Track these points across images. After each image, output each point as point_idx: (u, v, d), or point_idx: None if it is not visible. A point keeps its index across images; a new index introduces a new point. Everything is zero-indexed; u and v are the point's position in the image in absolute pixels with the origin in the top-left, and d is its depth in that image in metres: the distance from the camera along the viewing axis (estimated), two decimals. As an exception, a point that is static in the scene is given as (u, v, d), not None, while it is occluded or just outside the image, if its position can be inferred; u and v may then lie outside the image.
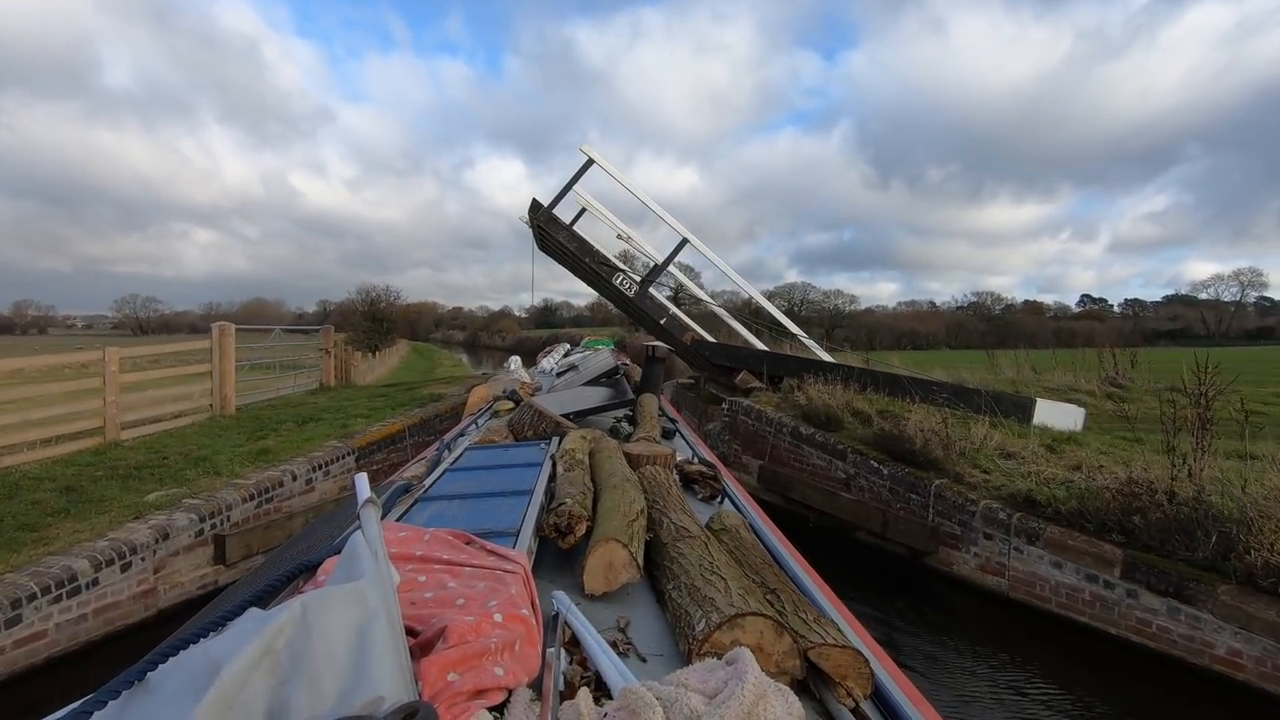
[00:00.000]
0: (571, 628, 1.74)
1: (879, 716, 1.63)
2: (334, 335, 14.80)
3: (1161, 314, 70.66)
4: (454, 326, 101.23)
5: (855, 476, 7.31)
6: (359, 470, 6.82)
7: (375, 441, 8.41)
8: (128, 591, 4.93)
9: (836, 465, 7.61)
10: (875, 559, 6.86)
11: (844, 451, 7.52)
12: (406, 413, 9.97)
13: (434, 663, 1.26)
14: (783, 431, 8.56)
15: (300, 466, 6.92)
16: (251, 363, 12.48)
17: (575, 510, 2.45)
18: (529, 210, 11.74)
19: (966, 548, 5.96)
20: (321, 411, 10.07)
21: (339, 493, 7.16)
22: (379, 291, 47.57)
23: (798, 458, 8.28)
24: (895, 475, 6.77)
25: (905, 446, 6.86)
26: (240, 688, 1.04)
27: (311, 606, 1.17)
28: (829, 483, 7.65)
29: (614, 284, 11.56)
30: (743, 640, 1.62)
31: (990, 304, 73.23)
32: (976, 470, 6.42)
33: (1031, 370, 12.64)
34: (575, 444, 3.55)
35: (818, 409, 8.39)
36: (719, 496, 3.63)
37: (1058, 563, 5.28)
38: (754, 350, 12.16)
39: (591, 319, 75.12)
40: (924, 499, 6.39)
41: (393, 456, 8.54)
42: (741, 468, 9.22)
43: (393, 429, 8.90)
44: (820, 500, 7.55)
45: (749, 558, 2.31)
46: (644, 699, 1.21)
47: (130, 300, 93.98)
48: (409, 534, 2.01)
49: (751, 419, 9.30)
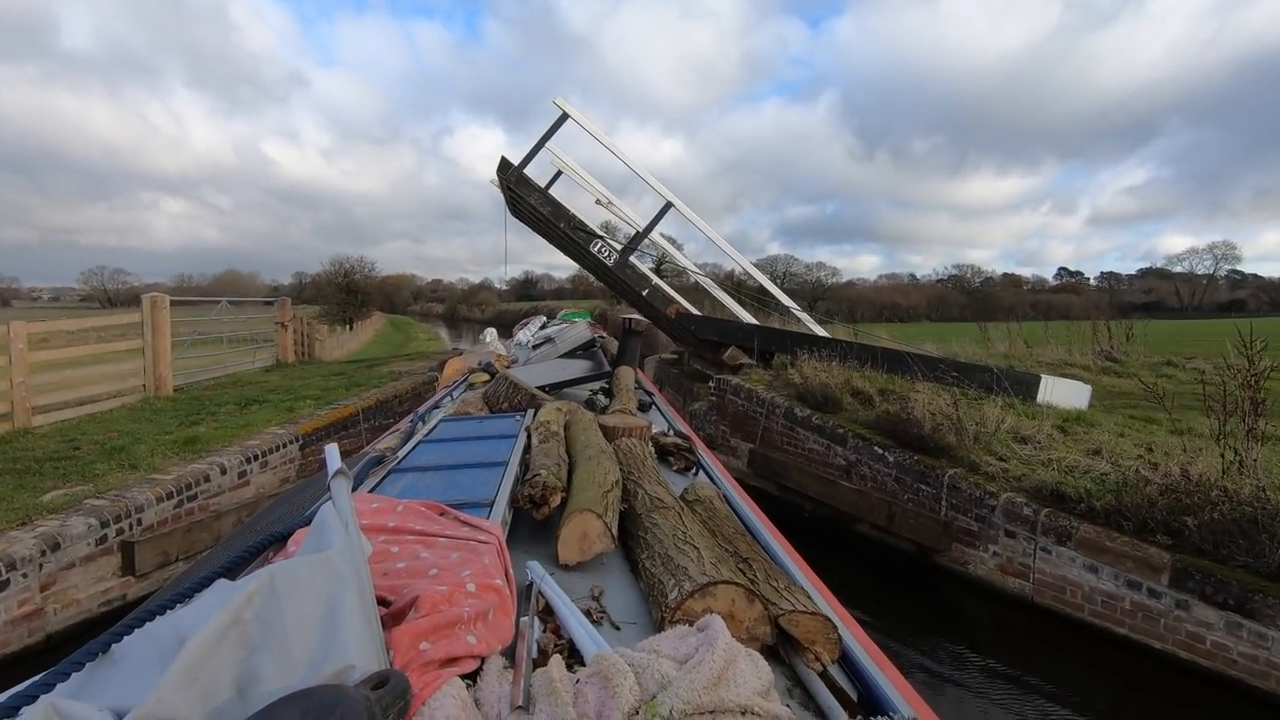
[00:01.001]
0: (545, 597, 1.75)
1: (846, 680, 1.68)
2: (291, 308, 13.70)
3: (1136, 287, 71.88)
4: (433, 299, 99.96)
5: (857, 464, 6.68)
6: (303, 460, 6.88)
7: (323, 427, 7.55)
8: (4, 615, 4.12)
9: (835, 451, 6.98)
10: (879, 555, 6.26)
11: (844, 436, 6.87)
12: (362, 394, 9.07)
13: (406, 632, 1.26)
14: (776, 413, 7.89)
15: (232, 458, 6.05)
16: (193, 338, 11.58)
17: (550, 481, 2.45)
18: (498, 170, 10.72)
19: (985, 546, 5.38)
20: (269, 392, 9.20)
21: (278, 486, 6.46)
22: (353, 263, 46.71)
23: (792, 441, 7.64)
24: (902, 463, 6.14)
25: (913, 431, 6.23)
26: (207, 658, 1.03)
27: (280, 576, 1.16)
28: (827, 470, 7.04)
29: (592, 252, 10.73)
30: (715, 608, 1.65)
31: (971, 277, 74.03)
32: (992, 457, 5.80)
33: (1024, 344, 12.17)
34: (550, 416, 3.54)
35: (814, 388, 7.70)
36: (694, 468, 3.66)
37: (1093, 566, 4.70)
38: (743, 324, 11.29)
39: (573, 291, 74.53)
40: (935, 490, 5.79)
41: (344, 443, 7.53)
42: (730, 451, 8.69)
43: (344, 412, 8.07)
44: (817, 489, 7.00)
45: (722, 528, 2.33)
46: (616, 665, 1.22)
47: (98, 272, 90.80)
48: (382, 505, 1.99)
49: (741, 399, 8.62)
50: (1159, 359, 11.11)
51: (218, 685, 1.02)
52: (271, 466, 6.56)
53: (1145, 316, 13.73)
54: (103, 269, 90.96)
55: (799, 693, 1.60)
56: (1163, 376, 9.66)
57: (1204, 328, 13.37)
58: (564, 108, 10.44)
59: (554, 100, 10.52)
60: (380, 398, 8.96)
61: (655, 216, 11.09)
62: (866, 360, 8.65)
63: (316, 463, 6.64)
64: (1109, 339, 11.84)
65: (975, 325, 14.88)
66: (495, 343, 11.16)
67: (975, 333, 13.58)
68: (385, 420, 8.54)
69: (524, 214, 13.03)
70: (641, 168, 10.83)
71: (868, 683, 1.65)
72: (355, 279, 45.35)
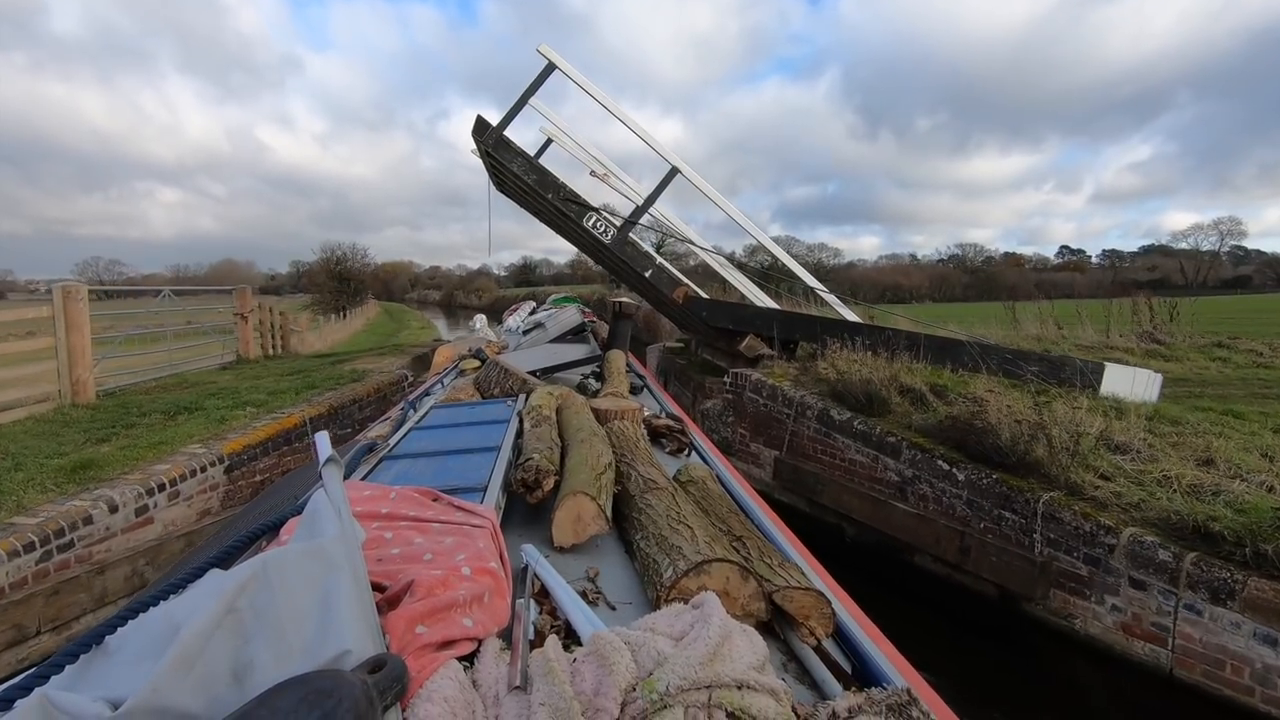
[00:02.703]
0: (541, 579, 1.76)
1: (840, 653, 1.70)
2: (252, 297, 12.43)
3: (1139, 264, 71.63)
4: (430, 286, 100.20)
5: (914, 481, 5.51)
6: (229, 486, 5.73)
7: (257, 443, 6.26)
8: None
9: (886, 464, 5.80)
10: (947, 597, 5.12)
11: (896, 445, 5.68)
12: (312, 399, 7.79)
13: (401, 616, 1.27)
14: (807, 414, 6.74)
15: (128, 489, 4.80)
16: (127, 334, 10.29)
17: (543, 465, 2.45)
18: (473, 131, 9.15)
19: (1099, 596, 4.23)
20: (210, 396, 8.01)
21: (196, 521, 5.36)
22: (345, 250, 46.10)
23: (828, 450, 6.49)
24: (977, 482, 4.98)
25: (988, 441, 5.03)
26: (203, 647, 1.03)
27: (273, 564, 1.16)
28: (875, 486, 5.90)
29: (586, 228, 9.23)
30: (709, 586, 1.66)
31: (973, 257, 73.91)
32: (1091, 474, 4.61)
33: (1055, 325, 10.98)
34: (542, 400, 3.54)
35: (853, 385, 6.48)
36: (686, 450, 3.68)
37: (1270, 637, 3.48)
38: (762, 309, 9.82)
39: (572, 276, 74.12)
40: (1025, 520, 4.61)
41: (286, 461, 6.56)
42: (750, 459, 7.59)
43: (286, 423, 6.76)
44: (863, 509, 5.91)
45: (715, 507, 2.35)
46: (612, 644, 1.23)
47: (93, 263, 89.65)
48: (374, 492, 1.99)
49: (764, 397, 7.41)
50: (1208, 339, 9.96)
51: (214, 674, 1.02)
52: (185, 497, 5.33)
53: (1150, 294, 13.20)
54: (98, 260, 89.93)
55: (794, 667, 1.62)
56: (1216, 359, 8.72)
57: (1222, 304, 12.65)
58: (549, 56, 8.90)
59: (538, 48, 8.90)
60: (335, 403, 7.74)
61: (659, 184, 9.60)
62: (911, 349, 7.38)
63: (249, 487, 5.87)
64: (1151, 318, 10.71)
65: (1000, 305, 13.63)
66: (485, 329, 11.07)
67: (998, 313, 12.50)
68: (339, 430, 7.40)
69: (509, 187, 11.73)
70: (642, 128, 9.44)
71: (862, 656, 1.67)
72: (347, 266, 44.81)
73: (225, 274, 78.10)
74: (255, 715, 0.90)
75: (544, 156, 10.96)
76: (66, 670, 1.08)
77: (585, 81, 9.13)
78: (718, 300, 10.81)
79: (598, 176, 12.00)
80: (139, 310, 11.72)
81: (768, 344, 9.11)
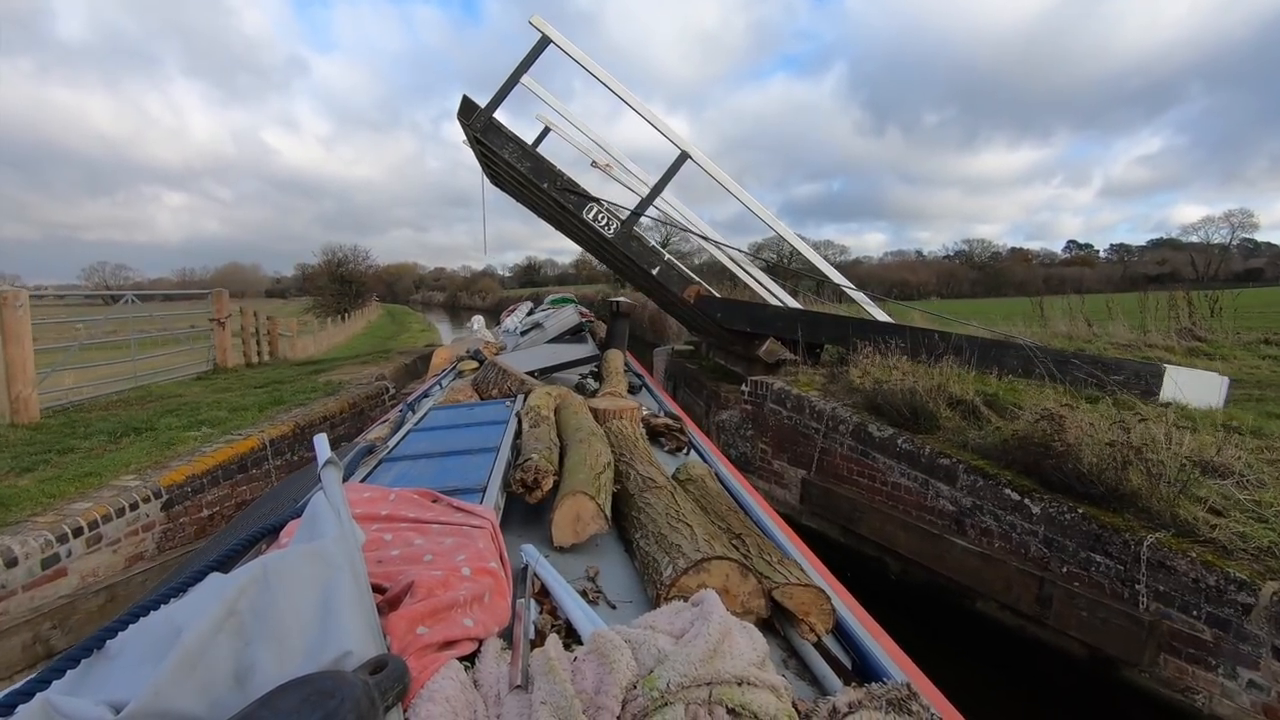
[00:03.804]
0: (541, 579, 1.76)
1: (840, 649, 1.71)
2: (229, 302, 11.44)
3: (1148, 258, 70.60)
4: (434, 288, 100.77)
5: (975, 512, 4.71)
6: (168, 524, 4.94)
7: (205, 472, 5.38)
8: None
9: (938, 490, 5.01)
10: (1020, 654, 4.24)
11: (951, 469, 4.89)
12: (276, 416, 6.98)
13: (402, 617, 1.27)
14: (840, 429, 5.97)
15: (32, 538, 3.89)
16: (83, 343, 9.38)
17: (542, 465, 2.46)
18: (459, 113, 8.18)
19: (1229, 668, 3.34)
20: (169, 413, 7.17)
21: (123, 570, 4.54)
22: (345, 252, 45.99)
23: (866, 471, 5.69)
24: (1058, 517, 4.13)
25: (1067, 465, 4.18)
26: (204, 649, 1.03)
27: (273, 567, 1.17)
28: (925, 517, 5.11)
29: (586, 220, 8.35)
30: (709, 583, 1.67)
31: (980, 252, 73.37)
32: (1199, 507, 3.74)
33: (1086, 323, 10.21)
34: (541, 400, 3.54)
35: (893, 396, 5.68)
36: (685, 448, 3.69)
37: None
38: (783, 309, 8.89)
39: (576, 276, 73.76)
40: (1123, 566, 3.76)
41: (241, 491, 5.77)
42: (773, 478, 6.81)
43: (240, 448, 5.88)
44: (911, 543, 5.14)
45: (715, 505, 2.35)
46: (612, 642, 1.23)
47: (99, 268, 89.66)
48: (374, 494, 1.99)
49: (788, 408, 6.66)
50: (1254, 336, 9.24)
51: (216, 676, 1.02)
52: (110, 542, 4.45)
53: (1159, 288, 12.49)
54: (104, 264, 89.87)
55: (794, 663, 1.62)
56: (1266, 358, 8.11)
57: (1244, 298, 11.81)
58: (542, 28, 7.92)
59: (530, 19, 7.98)
60: (301, 421, 6.86)
61: (666, 172, 8.53)
62: (957, 354, 6.48)
63: (193, 524, 5.21)
64: (1189, 313, 9.82)
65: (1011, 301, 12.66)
66: (482, 330, 11.05)
67: (1022, 310, 11.67)
68: (305, 453, 6.54)
69: (503, 179, 10.64)
70: (648, 110, 8.42)
71: (861, 651, 1.68)
72: (348, 269, 44.70)
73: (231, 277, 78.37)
74: (258, 717, 0.91)
75: (541, 147, 10.27)
76: (68, 675, 1.09)
77: (583, 56, 8.24)
78: (734, 300, 9.76)
79: (600, 167, 11.08)
80: (92, 319, 10.58)
81: (789, 348, 8.34)
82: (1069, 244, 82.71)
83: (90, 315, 10.78)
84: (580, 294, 32.35)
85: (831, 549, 5.53)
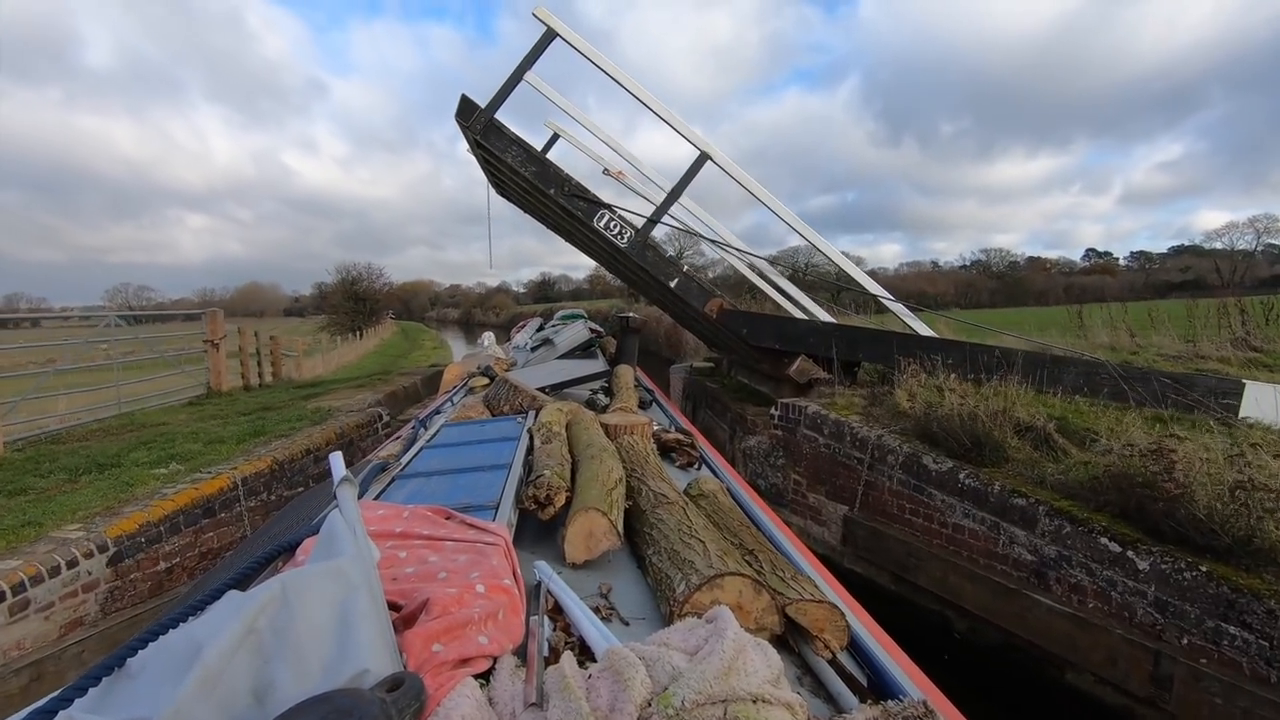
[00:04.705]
0: (554, 596, 1.76)
1: (855, 666, 1.69)
2: (224, 322, 10.82)
3: (1171, 265, 68.95)
4: (449, 304, 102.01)
5: (1061, 563, 3.94)
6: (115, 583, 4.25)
7: (162, 519, 4.70)
8: None
9: (1013, 536, 4.24)
10: None
11: (1029, 511, 4.13)
12: (255, 450, 6.29)
13: (418, 634, 1.28)
14: (888, 460, 5.25)
15: None
16: (57, 369, 8.82)
17: (554, 481, 2.47)
18: (457, 114, 7.54)
19: None
20: (142, 445, 6.53)
21: (57, 639, 3.87)
22: (359, 270, 46.40)
23: (921, 510, 4.99)
24: (1174, 576, 3.38)
25: (1180, 512, 3.47)
26: (224, 667, 1.04)
27: (291, 585, 1.18)
28: (998, 566, 4.35)
29: (597, 229, 7.67)
30: (722, 599, 1.67)
31: (997, 261, 72.25)
32: None
33: (1129, 333, 9.48)
34: (552, 417, 3.55)
35: (950, 422, 4.96)
36: (696, 464, 3.69)
37: None
38: (816, 324, 8.07)
39: (590, 291, 73.35)
40: (1265, 642, 3.04)
41: (207, 539, 5.10)
42: (809, 514, 6.12)
43: (206, 489, 5.17)
44: (980, 598, 4.39)
45: (727, 521, 2.35)
46: (627, 659, 1.23)
47: (122, 289, 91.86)
48: (387, 512, 2.00)
49: (825, 435, 5.97)
50: None
51: (235, 694, 1.03)
52: (41, 607, 3.77)
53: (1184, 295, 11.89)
54: (126, 286, 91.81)
55: (809, 680, 1.61)
56: None
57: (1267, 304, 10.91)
58: (547, 21, 7.29)
59: (534, 11, 7.37)
60: (281, 456, 6.17)
61: (684, 175, 7.79)
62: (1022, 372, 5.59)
63: (146, 581, 4.56)
64: (1243, 322, 9.11)
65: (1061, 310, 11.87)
66: (493, 346, 11.11)
67: (1058, 319, 10.88)
68: (285, 491, 6.01)
69: (508, 187, 9.99)
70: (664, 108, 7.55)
71: (877, 668, 1.67)
72: (362, 287, 45.07)
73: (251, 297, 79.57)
74: (277, 734, 0.92)
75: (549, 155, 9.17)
76: (90, 693, 1.10)
77: (592, 51, 7.55)
78: (760, 314, 8.95)
79: (613, 175, 10.44)
80: (76, 341, 9.84)
81: (822, 366, 7.62)
82: (1088, 252, 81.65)
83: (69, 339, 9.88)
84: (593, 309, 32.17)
85: (880, 599, 4.88)
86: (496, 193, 11.14)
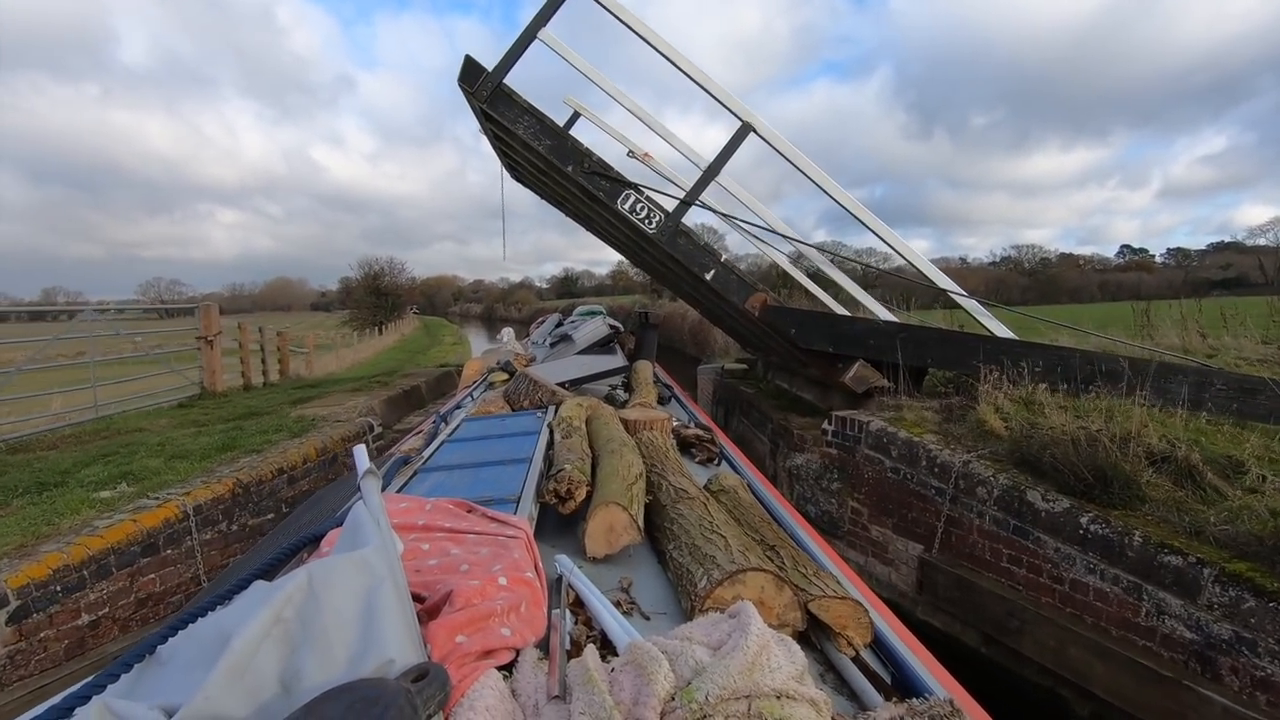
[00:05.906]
0: (575, 589, 1.77)
1: (879, 664, 1.68)
2: (219, 318, 10.10)
3: (1210, 262, 66.32)
4: (472, 299, 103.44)
5: (1239, 647, 2.96)
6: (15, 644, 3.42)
7: (83, 562, 3.91)
8: None
9: (1163, 604, 3.27)
10: None
11: (1189, 574, 3.16)
12: (218, 470, 5.50)
13: (442, 626, 1.28)
14: (978, 494, 4.29)
15: None
16: (22, 368, 8.09)
17: (575, 475, 2.47)
18: (460, 79, 6.56)
19: None
20: (101, 458, 5.82)
21: None
22: (381, 265, 46.70)
23: (1026, 559, 4.00)
24: None
25: None
26: (252, 656, 1.06)
27: (318, 575, 1.19)
28: (1138, 641, 3.38)
29: (621, 212, 6.62)
30: (744, 595, 1.65)
31: (1029, 258, 70.73)
32: None
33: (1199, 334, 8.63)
34: (572, 411, 3.56)
35: (1060, 447, 3.96)
36: (716, 459, 3.67)
37: None
38: (876, 324, 6.73)
39: (613, 287, 72.95)
40: None
41: (145, 582, 4.35)
42: (873, 550, 5.21)
43: (147, 522, 4.40)
44: (1116, 681, 3.38)
45: (748, 517, 2.34)
46: (649, 653, 1.23)
47: (155, 284, 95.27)
48: (410, 504, 2.02)
49: (893, 458, 5.04)
50: None
51: (263, 682, 1.05)
52: None
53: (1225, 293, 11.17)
54: (159, 280, 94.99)
55: (832, 677, 1.60)
56: None
57: None
58: None
59: None
60: (246, 477, 5.41)
61: (724, 148, 6.75)
62: (1109, 381, 4.86)
63: (60, 640, 3.80)
64: None
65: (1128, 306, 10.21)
66: (512, 342, 11.17)
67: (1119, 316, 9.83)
68: (250, 520, 5.32)
69: (522, 169, 8.95)
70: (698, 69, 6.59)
71: (901, 665, 1.65)
72: (385, 281, 45.35)
73: (279, 292, 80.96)
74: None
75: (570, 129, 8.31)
76: (122, 679, 1.12)
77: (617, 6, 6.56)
78: (811, 311, 7.69)
79: (639, 158, 9.52)
80: (44, 339, 8.80)
81: (882, 371, 6.58)
82: (1122, 249, 79.80)
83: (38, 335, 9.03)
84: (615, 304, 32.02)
85: (965, 661, 3.99)
86: (511, 177, 10.22)
